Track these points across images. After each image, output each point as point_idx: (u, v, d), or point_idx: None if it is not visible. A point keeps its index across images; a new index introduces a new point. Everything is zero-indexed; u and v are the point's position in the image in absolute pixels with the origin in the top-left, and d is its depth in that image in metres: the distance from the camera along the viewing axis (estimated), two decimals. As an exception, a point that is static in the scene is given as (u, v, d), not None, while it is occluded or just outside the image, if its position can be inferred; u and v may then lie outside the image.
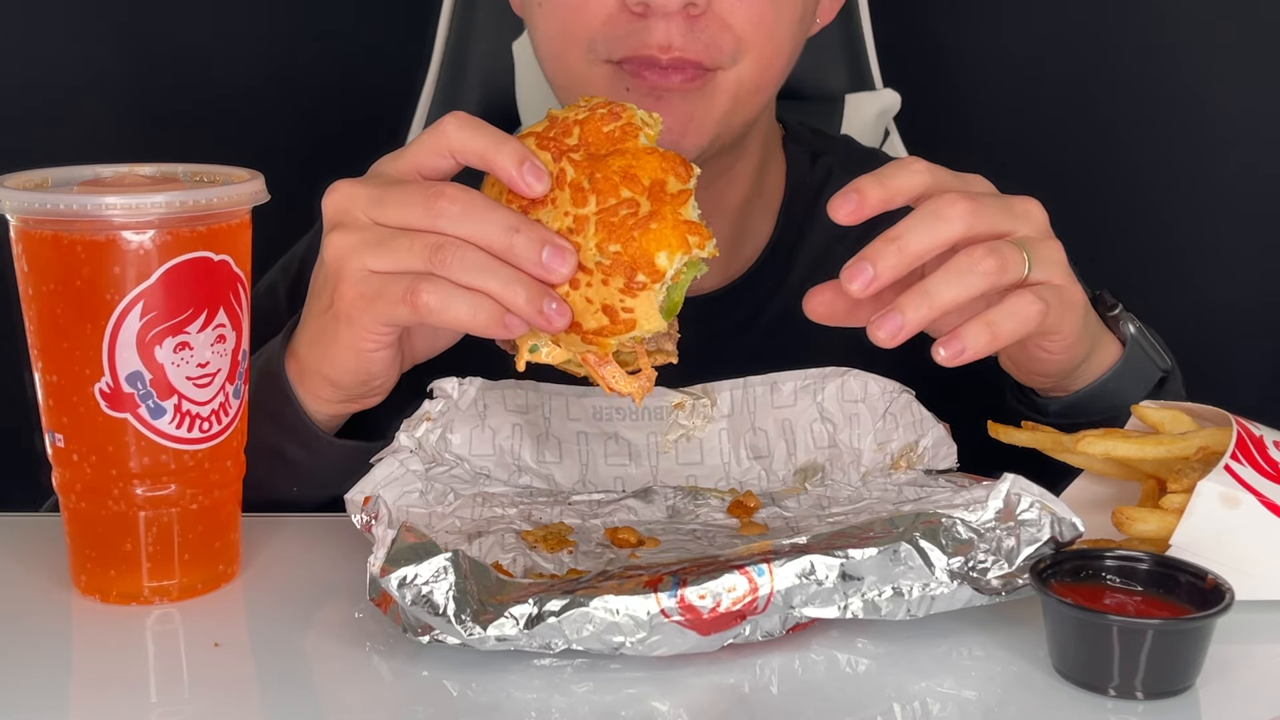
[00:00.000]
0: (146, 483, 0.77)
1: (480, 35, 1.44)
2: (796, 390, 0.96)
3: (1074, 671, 0.70)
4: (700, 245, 0.76)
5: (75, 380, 0.75)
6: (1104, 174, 1.80)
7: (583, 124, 0.79)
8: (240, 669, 0.74)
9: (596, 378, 0.80)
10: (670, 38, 0.95)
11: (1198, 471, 0.78)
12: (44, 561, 0.83)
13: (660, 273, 0.75)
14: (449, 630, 0.69)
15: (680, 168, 0.77)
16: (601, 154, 0.78)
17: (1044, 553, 0.73)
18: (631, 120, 0.79)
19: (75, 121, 1.76)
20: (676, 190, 0.77)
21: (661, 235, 0.75)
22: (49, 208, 0.73)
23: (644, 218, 0.76)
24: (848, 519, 0.87)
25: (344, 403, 0.90)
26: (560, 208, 0.77)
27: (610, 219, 0.76)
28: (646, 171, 0.77)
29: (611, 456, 0.95)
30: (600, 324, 0.76)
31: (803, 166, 1.18)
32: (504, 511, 0.88)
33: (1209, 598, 0.69)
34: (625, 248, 0.75)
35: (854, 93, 1.47)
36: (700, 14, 0.95)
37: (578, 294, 0.76)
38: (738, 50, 0.98)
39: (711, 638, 0.70)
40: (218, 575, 0.81)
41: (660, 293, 0.76)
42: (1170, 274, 1.82)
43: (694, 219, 0.76)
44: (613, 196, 0.76)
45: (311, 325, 0.87)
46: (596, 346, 0.78)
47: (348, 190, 0.81)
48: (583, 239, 0.76)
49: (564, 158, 0.78)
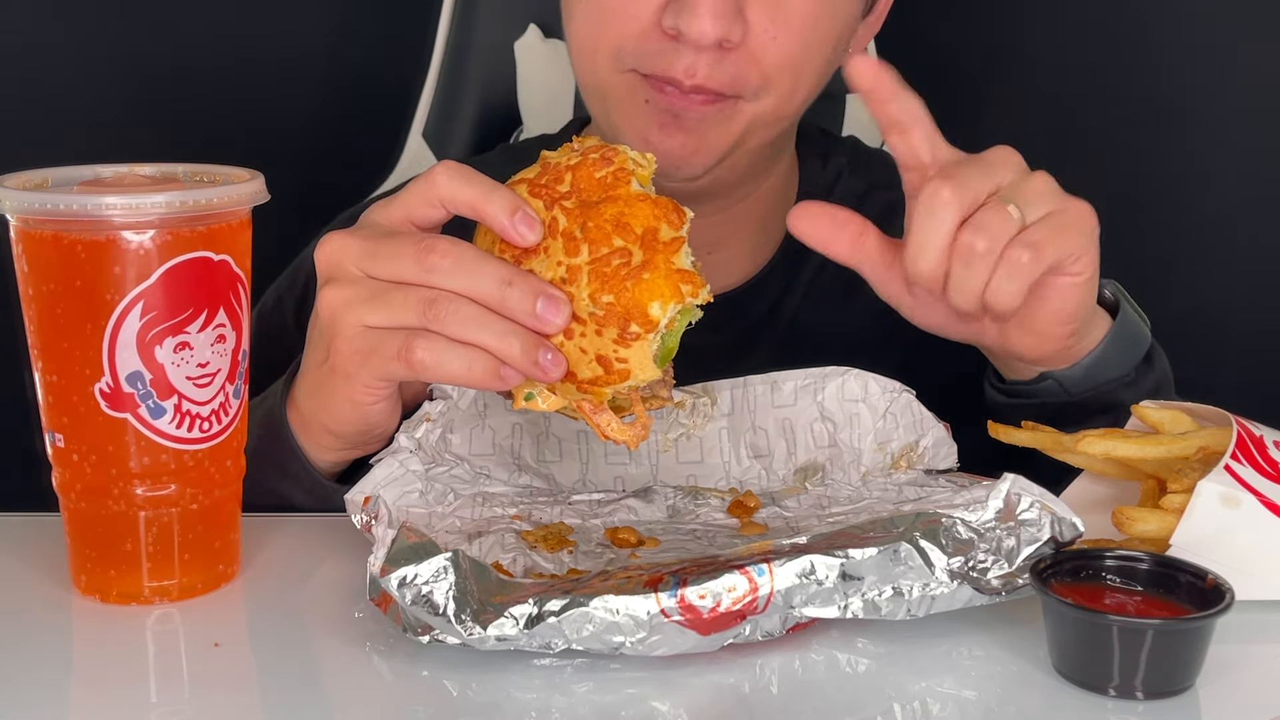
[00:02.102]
0: (146, 483, 0.77)
1: (480, 35, 1.44)
2: (797, 390, 0.96)
3: (1074, 671, 0.70)
4: (694, 294, 0.75)
5: (75, 380, 0.75)
6: (1106, 174, 1.80)
7: (574, 169, 0.78)
8: (240, 669, 0.74)
9: (593, 425, 0.80)
10: (697, 66, 0.95)
11: (1198, 471, 0.78)
12: (44, 561, 0.83)
13: (654, 323, 0.75)
14: (449, 630, 0.69)
15: (673, 214, 0.77)
16: (594, 201, 0.77)
17: (1044, 553, 0.73)
18: (624, 165, 0.78)
19: (75, 121, 1.76)
20: (669, 238, 0.76)
21: (654, 285, 0.75)
22: (49, 208, 0.73)
23: (636, 268, 0.75)
24: (848, 519, 0.87)
25: (346, 450, 0.90)
26: (553, 257, 0.76)
27: (603, 269, 0.75)
28: (639, 219, 0.76)
29: (611, 456, 0.95)
30: (595, 374, 0.76)
31: (814, 168, 1.19)
32: (504, 511, 0.88)
33: (1209, 598, 0.69)
34: (618, 298, 0.75)
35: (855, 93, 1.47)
36: (733, 49, 0.95)
37: (572, 344, 0.76)
38: (762, 86, 0.98)
39: (711, 638, 0.70)
40: (218, 575, 0.81)
41: (654, 342, 0.75)
42: (1171, 274, 1.81)
43: (687, 266, 0.76)
44: (605, 246, 0.75)
45: (310, 377, 0.87)
46: (592, 395, 0.77)
47: (339, 243, 0.80)
48: (576, 289, 0.76)
49: (556, 205, 0.77)
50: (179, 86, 1.78)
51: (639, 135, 0.99)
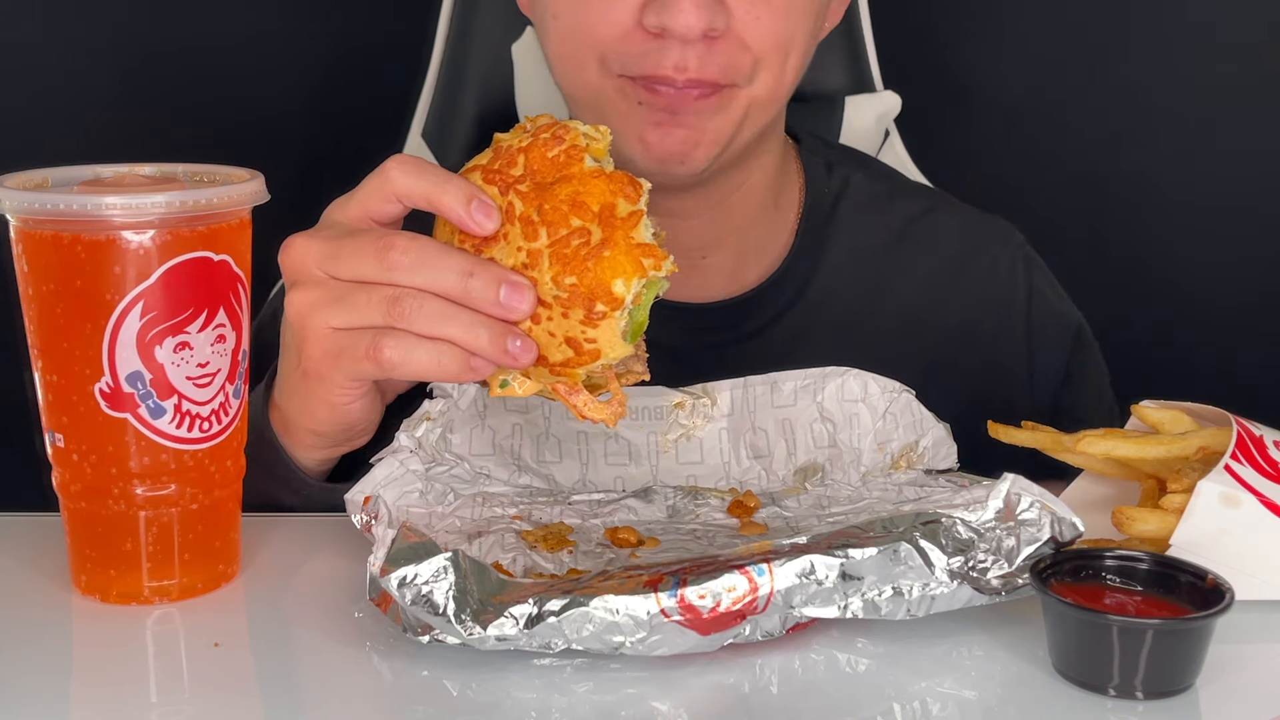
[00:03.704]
0: (146, 482, 0.77)
1: (480, 36, 1.44)
2: (796, 390, 0.96)
3: (1074, 671, 0.70)
4: (656, 266, 0.75)
5: (75, 380, 0.75)
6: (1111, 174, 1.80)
7: (527, 151, 0.78)
8: (240, 669, 0.74)
9: (569, 406, 0.80)
10: (687, 60, 0.94)
11: (1198, 471, 0.78)
12: (44, 561, 0.83)
13: (619, 300, 0.75)
14: (449, 630, 0.69)
15: (629, 188, 0.76)
16: (548, 182, 0.76)
17: (1044, 553, 0.73)
18: (575, 142, 0.77)
19: (75, 121, 1.76)
20: (627, 213, 0.75)
21: (615, 262, 0.74)
22: (49, 208, 0.73)
23: (596, 246, 0.74)
24: (848, 519, 0.87)
25: (330, 449, 0.90)
26: (513, 243, 0.76)
27: (563, 250, 0.75)
28: (594, 196, 0.75)
29: (611, 456, 0.95)
30: (565, 356, 0.76)
31: (819, 177, 1.18)
32: (504, 511, 0.88)
33: (1209, 598, 0.69)
34: (581, 279, 0.74)
35: (854, 95, 1.47)
36: (719, 37, 0.95)
37: (540, 329, 0.76)
38: (755, 69, 0.97)
39: (711, 637, 0.70)
40: (218, 575, 0.81)
41: (622, 319, 0.75)
42: (1172, 274, 1.81)
43: (647, 239, 0.75)
44: (563, 227, 0.75)
45: (287, 381, 0.88)
46: (566, 377, 0.77)
47: (301, 246, 0.80)
48: (538, 273, 0.75)
49: (511, 190, 0.77)
50: (179, 86, 1.78)
51: (636, 137, 0.98)
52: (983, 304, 1.16)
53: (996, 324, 1.16)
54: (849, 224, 1.15)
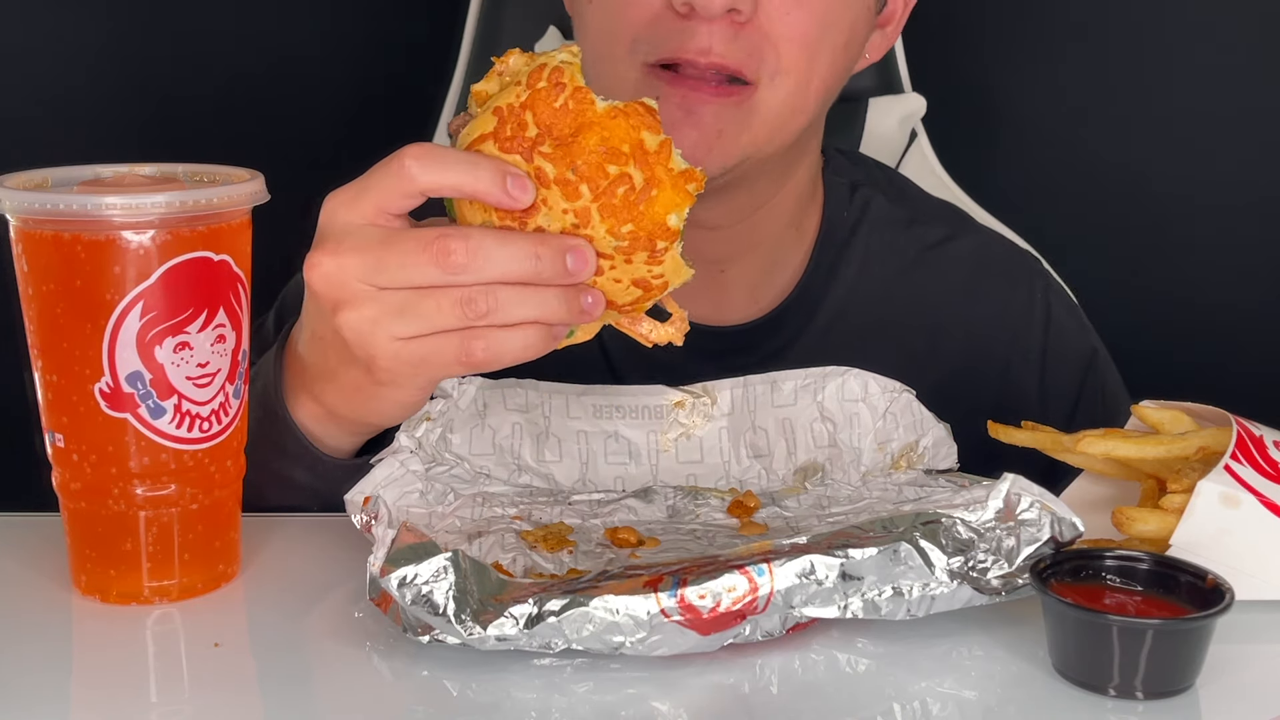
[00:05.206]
0: (146, 482, 0.77)
1: (507, 36, 1.44)
2: (797, 389, 0.96)
3: (1074, 671, 0.70)
4: (699, 187, 0.75)
5: (75, 380, 0.75)
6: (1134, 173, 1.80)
7: (532, 108, 0.75)
8: (240, 669, 0.74)
9: (634, 335, 0.80)
10: (711, 42, 0.95)
11: (1198, 471, 0.78)
12: (44, 561, 0.83)
13: (676, 233, 0.75)
14: (449, 630, 0.69)
15: (648, 117, 0.75)
16: (568, 135, 0.75)
17: (1044, 553, 0.73)
18: (576, 83, 0.75)
19: (75, 121, 1.76)
20: (656, 145, 0.75)
21: (664, 199, 0.74)
22: (49, 208, 0.73)
23: (643, 189, 0.74)
24: (848, 519, 0.87)
25: (372, 434, 0.91)
26: (555, 208, 0.75)
27: (611, 202, 0.74)
28: (621, 138, 0.74)
29: (611, 455, 0.95)
30: (635, 296, 0.77)
31: (840, 198, 1.17)
32: (504, 511, 0.88)
33: (1209, 598, 0.69)
34: (638, 224, 0.74)
35: (878, 96, 1.47)
36: (745, 22, 0.95)
37: (604, 279, 0.76)
38: (777, 66, 0.97)
39: (711, 638, 0.70)
40: (218, 575, 0.81)
41: (679, 245, 0.76)
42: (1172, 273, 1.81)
43: (682, 165, 0.75)
44: (603, 179, 0.74)
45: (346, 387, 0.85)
46: (634, 313, 0.78)
47: (333, 264, 0.77)
48: (591, 230, 0.74)
49: (535, 154, 0.75)
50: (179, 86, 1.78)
51: None
52: (995, 330, 1.16)
53: (1008, 349, 1.16)
54: (864, 248, 1.15)
